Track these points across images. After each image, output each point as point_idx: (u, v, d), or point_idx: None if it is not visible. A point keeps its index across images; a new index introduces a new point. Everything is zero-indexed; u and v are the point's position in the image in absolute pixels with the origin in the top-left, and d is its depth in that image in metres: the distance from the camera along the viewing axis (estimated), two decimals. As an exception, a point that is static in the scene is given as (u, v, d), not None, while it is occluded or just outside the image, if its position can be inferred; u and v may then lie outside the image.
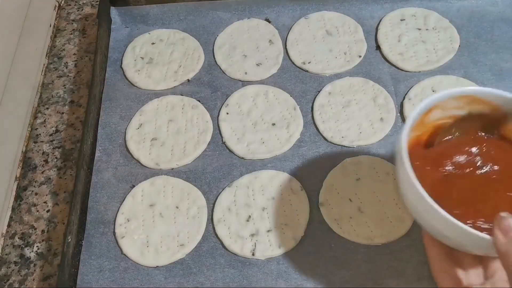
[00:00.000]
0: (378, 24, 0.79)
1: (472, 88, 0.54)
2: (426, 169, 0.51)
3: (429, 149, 0.54)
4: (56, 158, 0.72)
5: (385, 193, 0.64)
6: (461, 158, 0.52)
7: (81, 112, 0.76)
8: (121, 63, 0.78)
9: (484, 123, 0.54)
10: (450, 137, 0.54)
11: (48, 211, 0.68)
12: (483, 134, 0.54)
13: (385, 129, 0.69)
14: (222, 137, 0.70)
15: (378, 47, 0.77)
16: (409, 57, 0.75)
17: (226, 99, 0.73)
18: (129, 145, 0.70)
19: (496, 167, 0.51)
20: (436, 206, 0.44)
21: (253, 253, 0.61)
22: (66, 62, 0.82)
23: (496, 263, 0.48)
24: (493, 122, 0.54)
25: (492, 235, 0.43)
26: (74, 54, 0.82)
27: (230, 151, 0.69)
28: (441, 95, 0.52)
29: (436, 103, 0.52)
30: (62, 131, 0.75)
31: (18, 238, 0.66)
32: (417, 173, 0.47)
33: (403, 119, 0.70)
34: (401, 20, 0.79)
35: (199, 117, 0.72)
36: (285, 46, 0.78)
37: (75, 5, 0.88)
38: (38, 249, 0.65)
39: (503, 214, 0.43)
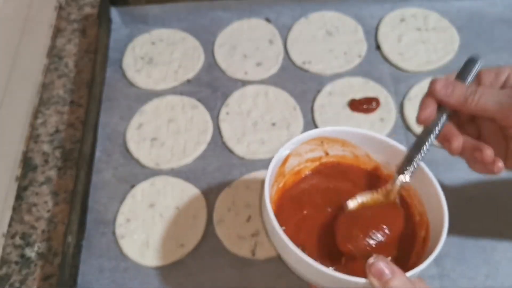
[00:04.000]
0: (378, 24, 0.79)
1: (316, 130, 0.54)
2: (292, 218, 0.52)
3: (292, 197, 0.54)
4: (56, 158, 0.72)
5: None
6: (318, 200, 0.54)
7: (81, 112, 0.76)
8: (121, 63, 0.78)
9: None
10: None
11: (48, 211, 0.68)
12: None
13: (385, 129, 0.69)
14: (222, 137, 0.70)
15: (378, 47, 0.77)
16: (409, 57, 0.75)
17: (226, 99, 0.73)
18: (129, 145, 0.70)
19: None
20: (306, 258, 0.44)
21: (253, 253, 0.61)
22: (67, 62, 0.82)
23: None
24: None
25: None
26: (74, 54, 0.83)
27: (230, 151, 0.69)
28: (288, 147, 0.52)
29: (288, 153, 0.53)
30: (62, 131, 0.75)
31: (19, 238, 0.66)
32: (287, 229, 0.48)
33: (403, 119, 0.70)
34: (401, 20, 0.79)
35: (199, 117, 0.72)
36: (285, 46, 0.78)
37: (75, 5, 0.88)
38: (38, 249, 0.65)
39: (370, 260, 0.43)
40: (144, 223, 0.64)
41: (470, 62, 0.50)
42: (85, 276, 0.61)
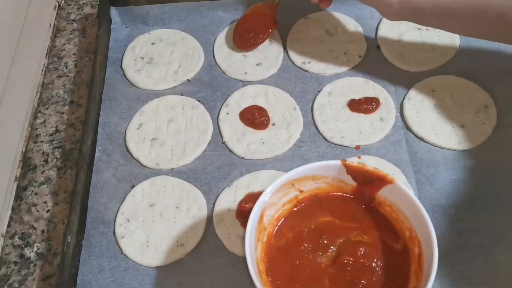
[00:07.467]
0: (378, 24, 0.79)
1: (283, 177, 0.54)
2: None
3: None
4: (56, 158, 0.72)
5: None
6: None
7: (81, 112, 0.76)
8: (121, 63, 0.78)
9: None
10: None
11: (48, 211, 0.68)
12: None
13: (385, 129, 0.69)
14: (222, 137, 0.70)
15: (378, 47, 0.77)
16: (409, 57, 0.75)
17: (226, 99, 0.73)
18: (129, 145, 0.70)
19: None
20: None
21: (253, 253, 0.61)
22: (66, 62, 0.82)
23: None
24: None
25: None
26: (74, 54, 0.82)
27: (230, 151, 0.69)
28: (260, 203, 0.52)
29: (262, 210, 0.53)
30: (62, 131, 0.75)
31: (18, 238, 0.66)
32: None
33: (403, 119, 0.70)
34: (401, 20, 0.79)
35: (199, 117, 0.72)
36: (285, 46, 0.78)
37: (75, 5, 0.88)
38: (38, 249, 0.65)
39: None
40: (144, 223, 0.64)
41: None
42: (85, 276, 0.60)
